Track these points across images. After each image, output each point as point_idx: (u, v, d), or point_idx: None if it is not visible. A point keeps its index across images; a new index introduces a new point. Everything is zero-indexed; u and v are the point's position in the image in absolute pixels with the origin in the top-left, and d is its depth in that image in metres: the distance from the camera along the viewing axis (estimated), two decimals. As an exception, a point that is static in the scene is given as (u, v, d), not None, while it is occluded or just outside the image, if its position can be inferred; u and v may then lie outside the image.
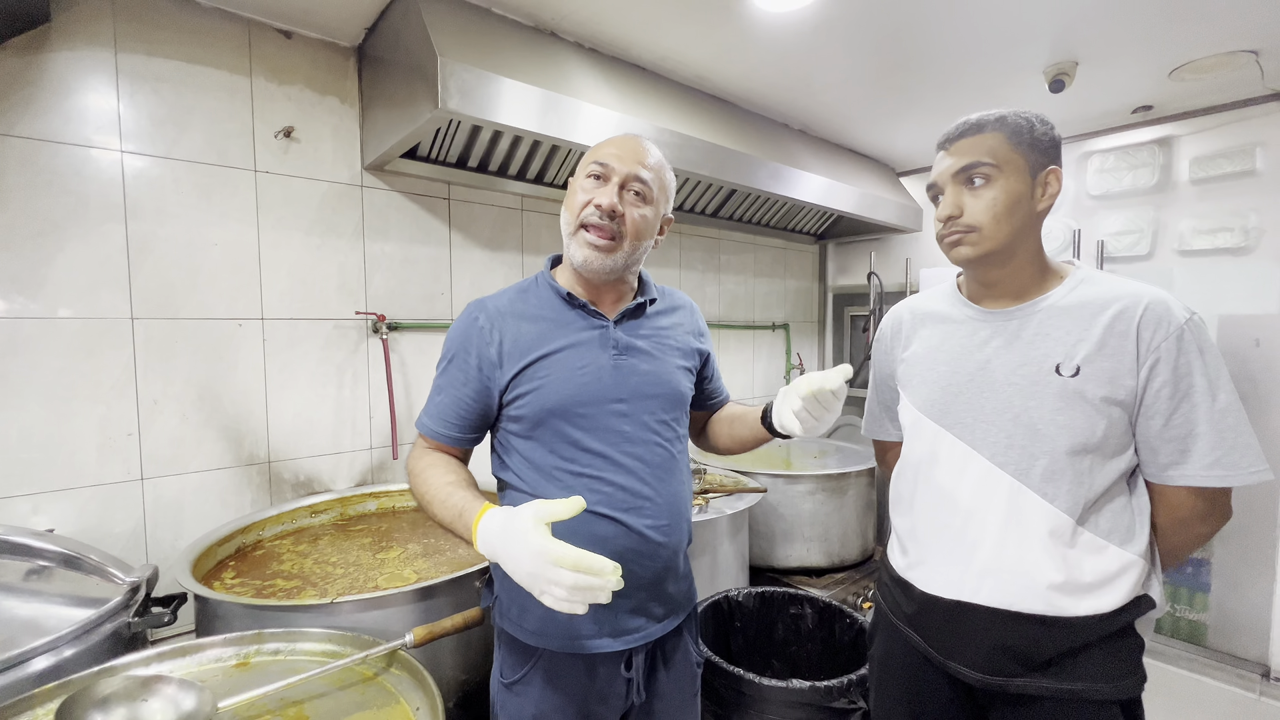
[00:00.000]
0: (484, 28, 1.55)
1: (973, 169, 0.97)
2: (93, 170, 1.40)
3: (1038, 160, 0.97)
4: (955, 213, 0.98)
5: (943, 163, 1.01)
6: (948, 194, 1.00)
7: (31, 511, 1.36)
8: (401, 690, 0.93)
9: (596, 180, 1.01)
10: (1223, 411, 0.88)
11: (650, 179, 1.02)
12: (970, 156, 0.97)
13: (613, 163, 1.00)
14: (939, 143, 1.04)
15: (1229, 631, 2.19)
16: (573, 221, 1.02)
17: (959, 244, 0.99)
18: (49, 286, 1.36)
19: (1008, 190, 0.95)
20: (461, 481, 0.96)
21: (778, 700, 1.31)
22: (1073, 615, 0.92)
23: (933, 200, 1.05)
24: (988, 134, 0.97)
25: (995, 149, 0.96)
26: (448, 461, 1.02)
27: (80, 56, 1.38)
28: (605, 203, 0.98)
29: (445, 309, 1.98)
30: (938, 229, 1.03)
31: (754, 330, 3.12)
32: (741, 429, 1.15)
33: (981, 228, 0.96)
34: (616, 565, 0.74)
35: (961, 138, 0.99)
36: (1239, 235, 2.14)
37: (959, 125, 1.00)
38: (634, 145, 1.03)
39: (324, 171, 1.73)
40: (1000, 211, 0.95)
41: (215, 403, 1.58)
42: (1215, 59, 1.83)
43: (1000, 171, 0.95)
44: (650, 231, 1.05)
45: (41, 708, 0.84)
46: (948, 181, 1.00)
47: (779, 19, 1.63)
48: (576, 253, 1.01)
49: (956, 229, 0.98)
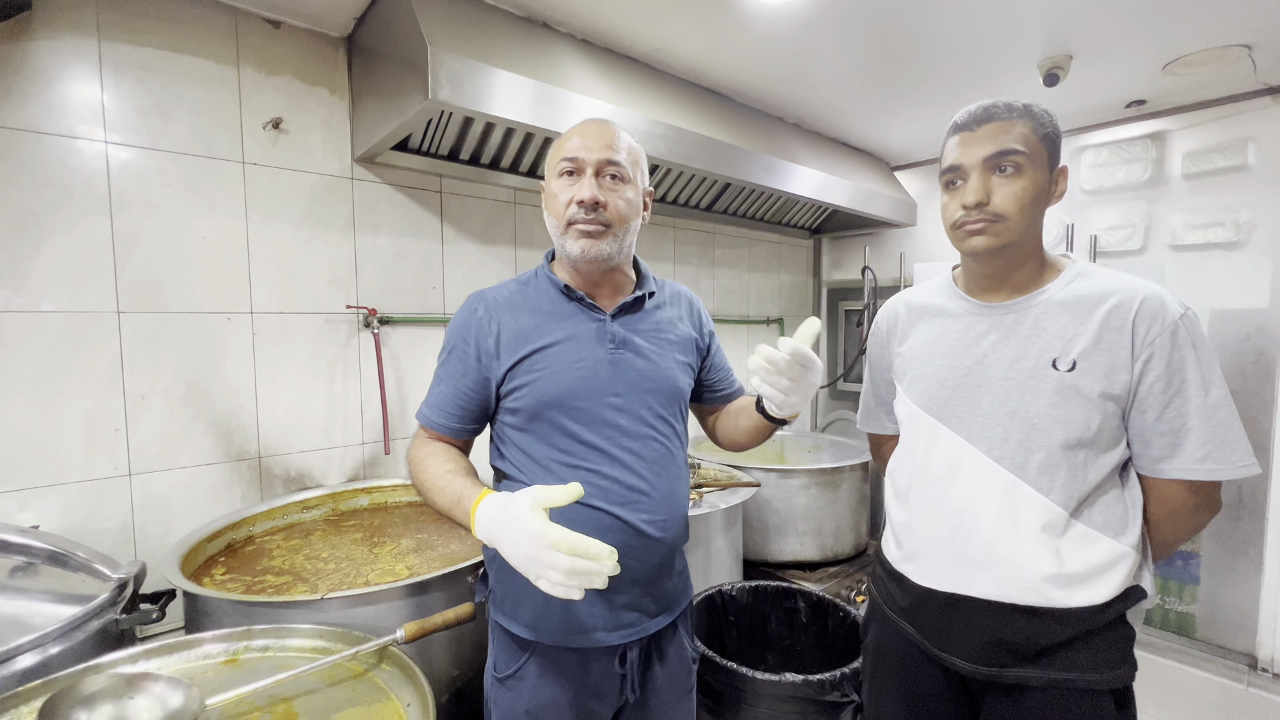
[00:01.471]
0: (475, 18, 1.53)
1: (1005, 156, 0.93)
2: (77, 161, 1.38)
3: (1054, 155, 0.96)
4: (983, 199, 0.93)
5: (967, 146, 0.95)
6: (974, 178, 0.95)
7: (17, 508, 1.34)
8: (392, 686, 0.92)
9: (570, 176, 1.00)
10: (1214, 406, 0.89)
11: (622, 159, 1.00)
12: (1003, 143, 0.93)
13: (581, 154, 0.99)
14: (959, 124, 0.98)
15: (1217, 623, 2.21)
16: (559, 224, 1.01)
17: (981, 232, 0.95)
18: (32, 280, 1.34)
19: (1035, 181, 0.93)
20: (460, 470, 0.96)
21: (771, 694, 1.31)
22: (1066, 606, 0.92)
23: (947, 185, 0.99)
24: (1016, 120, 0.93)
25: (1026, 137, 0.93)
26: (447, 450, 1.02)
27: (63, 45, 1.36)
28: (586, 196, 0.97)
29: (437, 303, 1.97)
30: (956, 215, 0.97)
31: (748, 325, 3.11)
32: (745, 420, 1.14)
33: (1009, 217, 0.93)
34: (612, 550, 0.74)
35: (990, 121, 0.94)
36: (1231, 230, 2.14)
37: (986, 108, 0.95)
38: (598, 130, 1.01)
39: (314, 164, 1.71)
40: (1026, 202, 0.93)
41: (204, 398, 1.56)
42: (1208, 53, 1.83)
43: (1030, 162, 0.93)
44: (635, 210, 1.04)
45: (25, 706, 0.83)
46: (975, 166, 0.94)
47: (773, 11, 1.62)
48: (571, 247, 1.00)
49: (983, 217, 0.94)
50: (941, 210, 1.02)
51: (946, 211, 1.00)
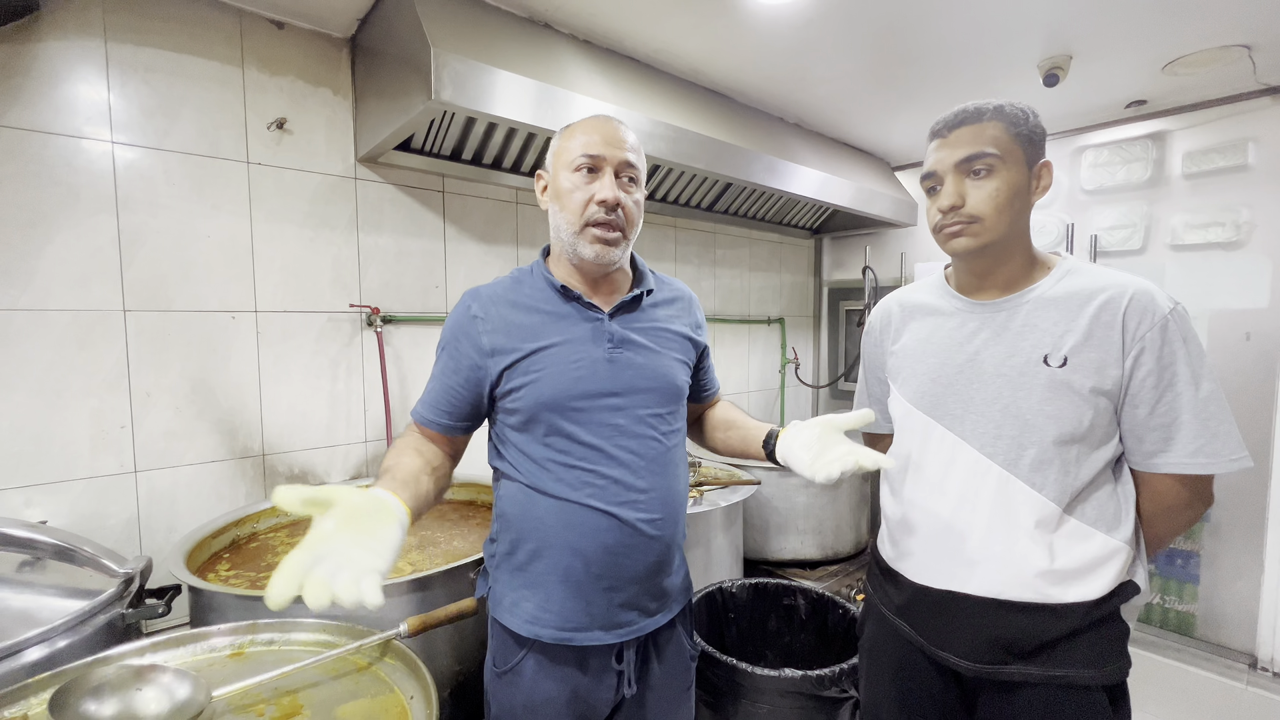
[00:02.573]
0: (478, 19, 1.54)
1: (976, 159, 0.95)
2: (83, 161, 1.39)
3: (1033, 152, 0.97)
4: (958, 202, 0.96)
5: (941, 151, 0.99)
6: (948, 184, 0.98)
7: (24, 504, 1.35)
8: (395, 679, 0.94)
9: (590, 174, 0.98)
10: (1205, 400, 0.90)
11: (636, 160, 1.00)
12: (973, 146, 0.95)
13: (603, 151, 0.97)
14: (934, 130, 1.01)
15: (1217, 622, 2.22)
16: (575, 221, 0.99)
17: (959, 235, 0.97)
18: (39, 278, 1.36)
19: (1009, 181, 0.95)
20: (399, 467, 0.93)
21: (771, 689, 1.32)
22: (1060, 602, 0.93)
23: (928, 191, 1.03)
24: (988, 123, 0.95)
25: (997, 139, 0.95)
26: (417, 444, 1.01)
27: (70, 46, 1.37)
28: (610, 197, 0.96)
29: (440, 302, 1.98)
30: (935, 219, 1.01)
31: (749, 324, 3.12)
32: (736, 439, 1.15)
33: (984, 218, 0.95)
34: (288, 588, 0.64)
35: (961, 125, 0.97)
36: (1231, 230, 2.15)
37: (957, 113, 0.98)
38: (615, 130, 1.00)
39: (317, 163, 1.72)
40: (1002, 202, 0.95)
41: (209, 396, 1.58)
42: (1208, 53, 1.84)
43: (1003, 162, 0.94)
44: (642, 213, 1.05)
45: (35, 697, 0.84)
46: (948, 171, 0.97)
47: (773, 12, 1.63)
48: (586, 250, 0.98)
49: (959, 219, 0.97)
50: (926, 214, 1.05)
51: (929, 216, 1.03)
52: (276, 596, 0.63)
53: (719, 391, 1.27)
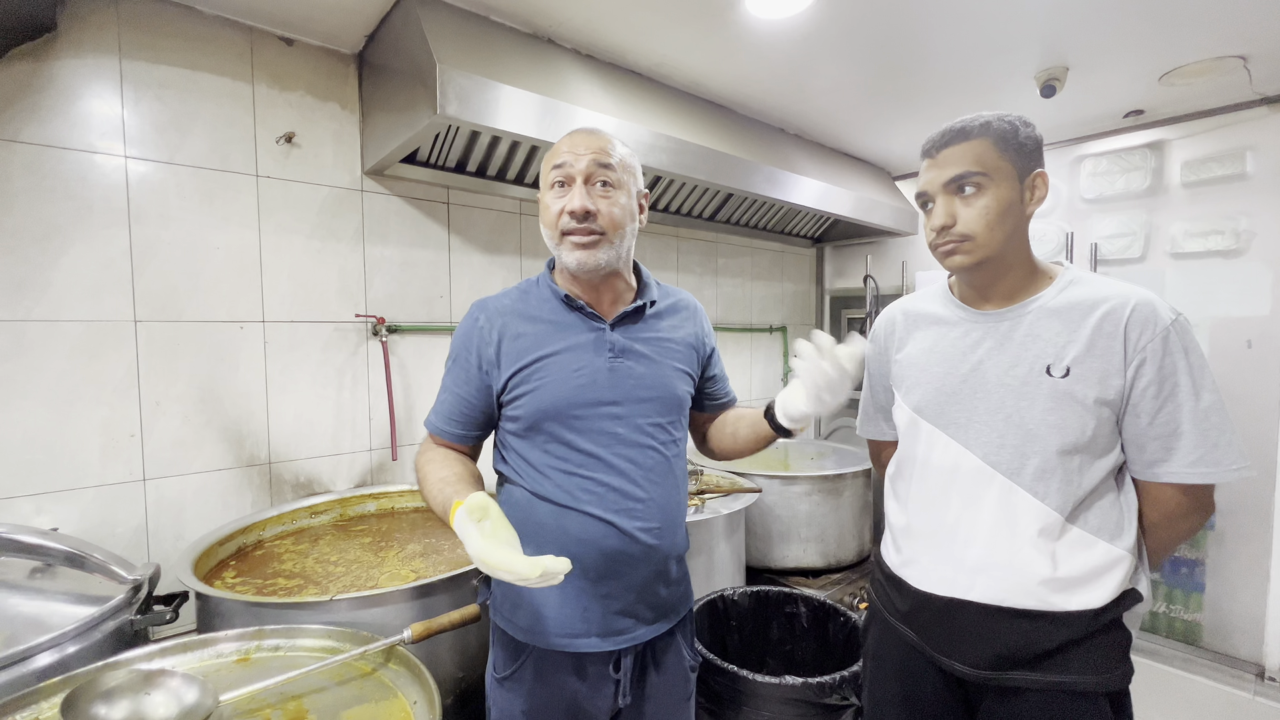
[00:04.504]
0: (482, 35, 1.57)
1: (963, 179, 0.96)
2: (97, 175, 1.43)
3: (1025, 165, 0.98)
4: (949, 222, 0.98)
5: (930, 172, 1.01)
6: (939, 203, 0.99)
7: (35, 511, 1.37)
8: (399, 685, 0.95)
9: (561, 187, 1.00)
10: (1206, 411, 0.90)
11: (613, 163, 1.00)
12: (959, 166, 0.97)
13: (569, 161, 0.99)
14: (924, 150, 1.03)
15: (1224, 632, 2.20)
16: (553, 235, 1.02)
17: (954, 253, 0.99)
18: (53, 290, 1.38)
19: (999, 197, 0.96)
20: (453, 476, 0.97)
21: (772, 696, 1.32)
22: (1063, 610, 0.94)
23: (922, 208, 1.05)
24: (974, 141, 0.97)
25: (983, 156, 0.96)
26: (446, 456, 1.04)
27: (85, 64, 1.41)
28: (576, 205, 0.97)
29: (444, 312, 2.00)
30: (930, 238, 1.02)
31: (751, 333, 3.14)
32: (743, 428, 1.13)
33: (975, 236, 0.97)
34: (535, 563, 0.77)
35: (947, 146, 0.98)
36: (1230, 238, 2.16)
37: (944, 133, 1.00)
38: (585, 138, 1.01)
39: (325, 176, 1.75)
40: (993, 219, 0.96)
41: (217, 404, 1.60)
42: (1204, 64, 1.86)
43: (991, 179, 0.96)
44: (629, 215, 1.03)
45: (46, 701, 0.85)
46: (938, 191, 0.99)
47: (773, 26, 1.66)
48: (568, 258, 1.01)
49: (950, 238, 0.98)
50: (924, 231, 1.06)
51: (926, 233, 1.05)
52: (534, 567, 0.77)
53: (735, 401, 1.24)
